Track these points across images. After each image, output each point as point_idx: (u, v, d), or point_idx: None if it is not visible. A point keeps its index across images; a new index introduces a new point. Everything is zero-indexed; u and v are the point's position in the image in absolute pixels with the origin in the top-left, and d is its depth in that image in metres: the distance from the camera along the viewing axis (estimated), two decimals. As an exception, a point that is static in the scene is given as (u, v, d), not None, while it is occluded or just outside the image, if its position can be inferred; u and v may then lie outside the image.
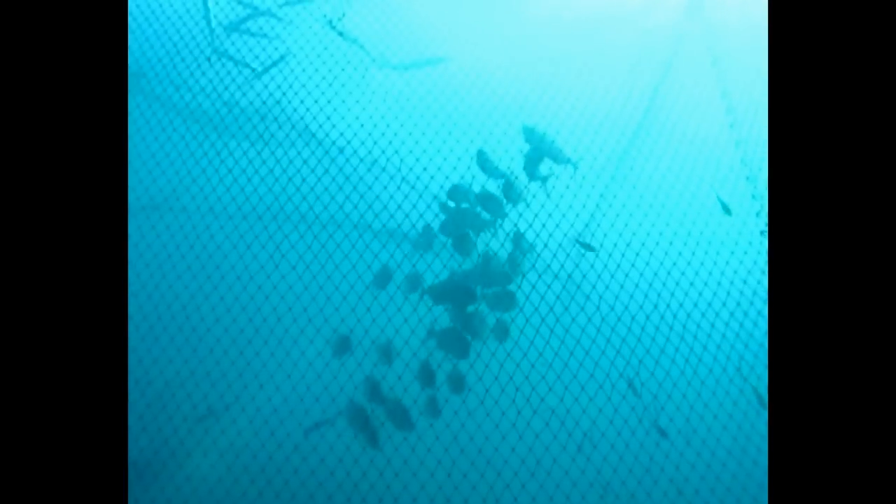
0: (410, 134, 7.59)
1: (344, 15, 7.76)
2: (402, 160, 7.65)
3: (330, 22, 7.61)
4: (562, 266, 6.76)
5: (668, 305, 6.87)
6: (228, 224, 8.78)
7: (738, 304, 6.75)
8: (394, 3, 8.71)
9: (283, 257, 8.00)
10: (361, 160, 8.64)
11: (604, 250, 7.18)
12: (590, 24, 10.24)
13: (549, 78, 8.71)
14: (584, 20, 10.33)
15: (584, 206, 7.51)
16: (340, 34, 7.49)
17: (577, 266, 6.81)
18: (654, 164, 8.11)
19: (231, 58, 8.68)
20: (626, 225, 7.11)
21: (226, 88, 8.53)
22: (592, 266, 6.94)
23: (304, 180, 8.14)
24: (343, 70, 7.44)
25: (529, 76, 8.60)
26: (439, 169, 7.22)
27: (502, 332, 6.71)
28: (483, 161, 6.77)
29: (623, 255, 7.00)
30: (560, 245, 6.73)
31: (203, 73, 8.94)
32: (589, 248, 6.56)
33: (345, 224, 8.48)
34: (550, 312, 6.17)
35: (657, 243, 6.71)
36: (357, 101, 7.46)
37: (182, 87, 9.30)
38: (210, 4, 8.72)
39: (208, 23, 8.69)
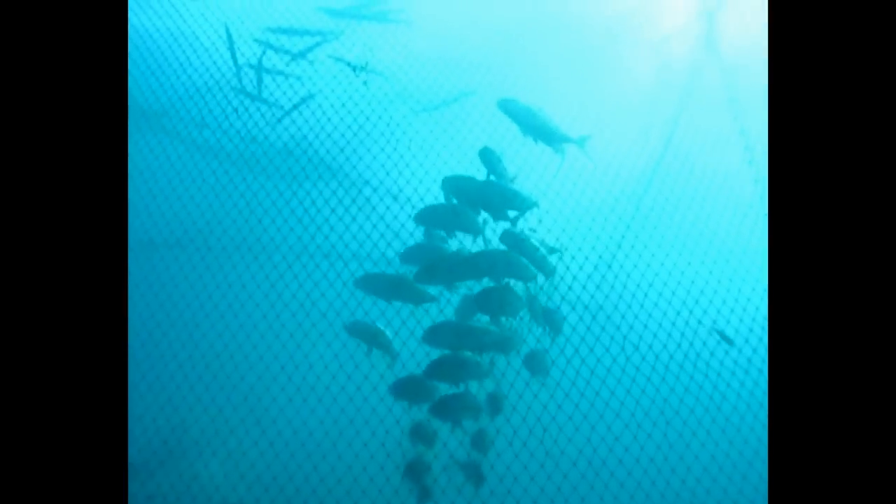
0: (427, 171, 7.75)
1: (367, 63, 8.03)
2: (422, 194, 7.84)
3: (354, 69, 7.89)
4: (586, 307, 6.94)
5: (691, 344, 7.05)
6: (253, 262, 9.01)
7: (762, 340, 6.92)
8: (418, 40, 8.97)
9: (306, 295, 8.17)
10: (377, 194, 8.85)
11: (626, 288, 7.33)
12: (607, 56, 10.53)
13: (568, 108, 8.95)
14: (601, 52, 10.62)
15: (605, 247, 7.67)
16: (365, 83, 7.75)
17: (601, 307, 6.98)
18: (675, 199, 8.33)
19: (255, 97, 8.96)
20: (648, 264, 7.31)
21: (254, 130, 8.82)
22: (616, 306, 7.15)
23: (322, 217, 8.26)
24: (368, 118, 7.67)
25: (549, 108, 8.75)
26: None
27: (540, 364, 6.39)
28: (488, 159, 6.22)
29: (646, 294, 7.21)
30: (585, 288, 6.88)
31: (224, 113, 9.20)
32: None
33: (366, 259, 8.61)
34: (578, 353, 6.35)
35: (679, 283, 6.93)
36: (381, 147, 7.68)
37: (205, 126, 9.55)
38: (235, 44, 9.02)
39: (234, 62, 8.97)
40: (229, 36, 8.77)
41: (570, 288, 6.65)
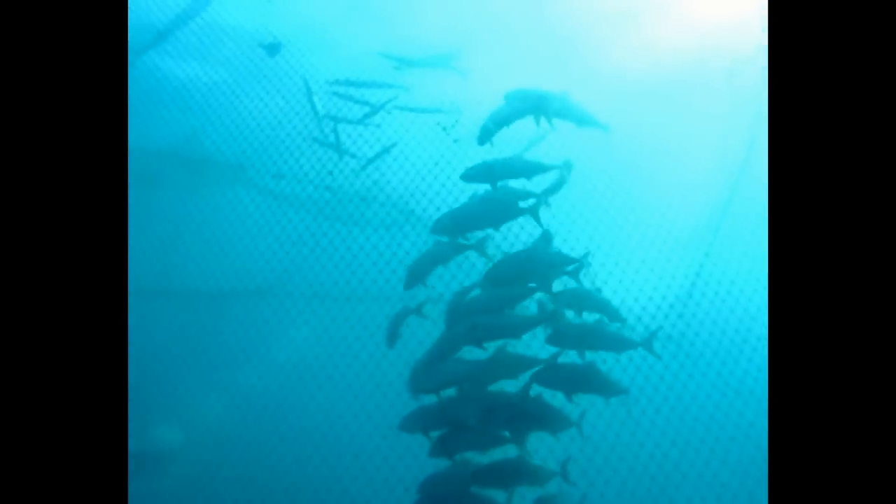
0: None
1: (457, 121, 8.41)
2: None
3: (444, 129, 8.26)
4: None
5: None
6: (333, 307, 9.40)
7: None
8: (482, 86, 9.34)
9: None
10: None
11: (695, 318, 7.48)
12: (680, 87, 10.78)
13: (642, 142, 9.17)
14: (673, 84, 10.90)
15: (673, 277, 7.81)
16: (455, 141, 8.04)
17: (670, 337, 7.15)
18: (752, 226, 8.46)
19: (334, 147, 9.48)
20: (721, 296, 7.46)
21: (334, 174, 9.28)
22: (683, 334, 7.27)
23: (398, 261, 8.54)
24: (448, 161, 7.99)
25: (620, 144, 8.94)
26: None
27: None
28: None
29: (727, 322, 7.37)
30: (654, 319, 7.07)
31: (300, 163, 9.72)
32: None
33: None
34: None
35: (759, 310, 7.06)
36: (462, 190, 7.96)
37: (286, 176, 10.03)
38: (315, 96, 9.57)
39: (315, 113, 9.52)
40: (308, 89, 9.38)
41: (643, 317, 6.82)
